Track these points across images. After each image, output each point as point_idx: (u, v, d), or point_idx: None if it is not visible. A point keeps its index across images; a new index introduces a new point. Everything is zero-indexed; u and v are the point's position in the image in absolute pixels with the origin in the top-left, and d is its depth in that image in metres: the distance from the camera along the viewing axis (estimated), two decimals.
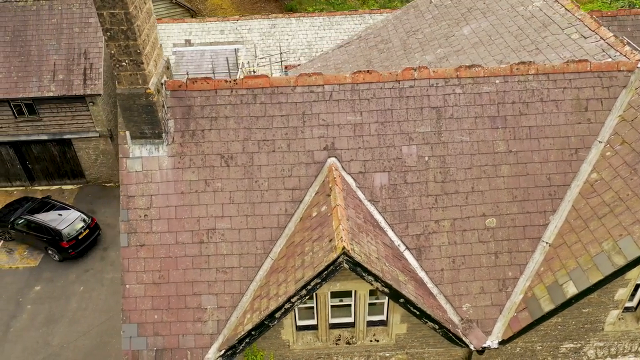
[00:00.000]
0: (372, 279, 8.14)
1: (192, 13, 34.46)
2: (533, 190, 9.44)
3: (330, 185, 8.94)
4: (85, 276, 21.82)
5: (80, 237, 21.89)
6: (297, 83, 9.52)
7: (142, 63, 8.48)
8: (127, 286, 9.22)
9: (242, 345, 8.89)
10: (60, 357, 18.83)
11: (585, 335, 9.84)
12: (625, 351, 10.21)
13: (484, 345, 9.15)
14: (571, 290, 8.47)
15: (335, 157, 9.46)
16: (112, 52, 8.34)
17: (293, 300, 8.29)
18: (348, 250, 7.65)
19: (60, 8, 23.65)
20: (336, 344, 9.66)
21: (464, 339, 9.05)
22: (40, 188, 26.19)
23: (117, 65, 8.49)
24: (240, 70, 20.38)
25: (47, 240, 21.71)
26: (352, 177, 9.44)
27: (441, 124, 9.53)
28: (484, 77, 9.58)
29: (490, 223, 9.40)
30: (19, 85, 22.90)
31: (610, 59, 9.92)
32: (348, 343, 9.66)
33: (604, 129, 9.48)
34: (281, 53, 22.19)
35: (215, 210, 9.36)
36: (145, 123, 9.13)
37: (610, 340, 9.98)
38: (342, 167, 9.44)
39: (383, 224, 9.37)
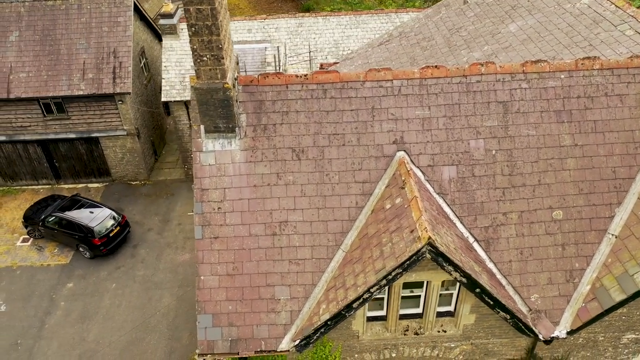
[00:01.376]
0: (452, 269, 8.32)
1: None
2: (598, 183, 9.62)
3: (403, 178, 9.11)
4: (117, 273, 21.95)
5: (111, 235, 22.04)
6: (366, 78, 9.69)
7: (223, 58, 8.65)
8: (202, 277, 9.37)
9: (317, 335, 9.05)
10: (96, 353, 18.97)
11: None
12: None
13: (553, 335, 9.31)
14: None
15: (404, 150, 9.62)
16: (195, 47, 8.50)
17: (372, 290, 8.45)
18: (433, 241, 7.82)
19: (89, 7, 23.81)
20: (404, 334, 9.83)
21: (534, 329, 9.21)
22: (66, 186, 26.33)
23: (198, 60, 8.65)
24: (282, 68, 20.56)
25: (79, 237, 21.85)
26: (421, 171, 9.60)
27: (508, 118, 9.70)
28: (549, 72, 9.75)
29: (557, 215, 9.57)
30: (49, 83, 23.06)
31: None
32: (416, 334, 9.82)
33: None
34: (310, 52, 22.36)
35: (287, 203, 9.52)
36: (220, 117, 9.29)
37: None
38: (411, 160, 9.60)
39: (452, 216, 9.53)
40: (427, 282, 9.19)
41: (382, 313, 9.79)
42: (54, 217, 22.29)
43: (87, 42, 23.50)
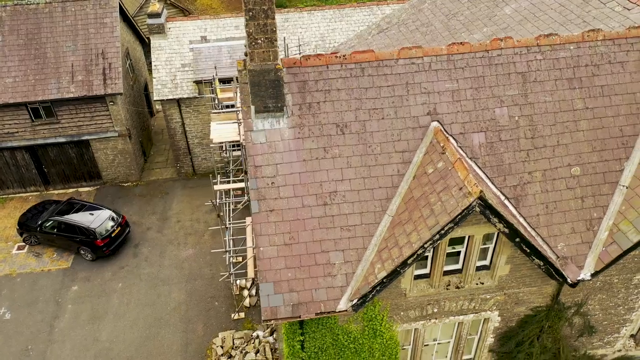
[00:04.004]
0: (497, 220, 9.28)
1: (186, 13, 34.76)
2: (608, 141, 10.80)
3: (442, 144, 10.00)
4: (122, 273, 21.98)
5: (113, 235, 22.06)
6: (399, 56, 10.53)
7: (275, 40, 9.30)
8: (261, 249, 9.96)
9: (373, 293, 9.81)
10: (112, 351, 19.03)
11: None
12: None
13: (579, 278, 10.41)
14: None
15: (438, 121, 10.52)
16: (250, 30, 9.11)
17: (426, 245, 9.30)
18: (484, 194, 8.73)
19: (73, 10, 23.70)
20: (446, 289, 10.72)
21: (563, 273, 10.28)
22: (56, 192, 26.03)
23: (253, 43, 9.26)
24: None
25: (80, 240, 21.75)
26: (454, 138, 10.52)
27: (527, 87, 10.75)
28: (560, 44, 10.87)
29: (575, 172, 10.68)
30: (37, 88, 22.83)
31: None
32: (457, 287, 10.74)
33: None
34: (300, 45, 23.05)
35: (335, 174, 10.24)
36: (270, 97, 9.92)
37: None
38: (444, 129, 10.50)
39: (484, 177, 10.48)
40: (469, 237, 10.11)
41: (426, 271, 10.65)
42: (51, 222, 22.09)
43: (74, 45, 23.39)
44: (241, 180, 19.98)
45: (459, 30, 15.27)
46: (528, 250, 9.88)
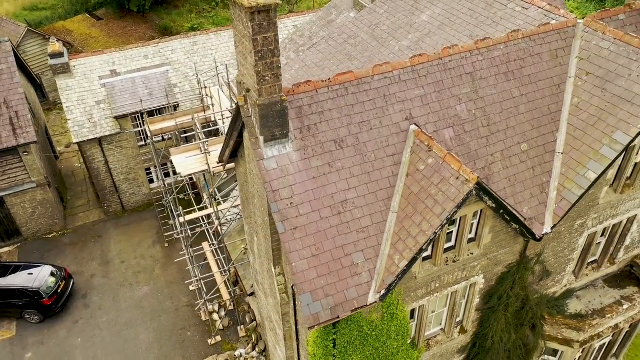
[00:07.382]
0: (488, 199, 11.17)
1: (69, 47, 32.88)
2: (542, 119, 13.29)
3: (427, 143, 11.66)
4: (78, 327, 20.92)
5: (59, 291, 20.88)
6: (374, 72, 11.97)
7: (280, 75, 10.21)
8: (294, 264, 10.84)
9: (396, 281, 11.21)
10: None
11: (588, 211, 14.11)
12: (607, 217, 14.77)
13: (543, 233, 12.78)
14: (592, 176, 12.48)
15: (415, 124, 12.16)
16: (259, 70, 9.93)
17: (437, 231, 10.90)
18: (480, 180, 10.53)
19: None
20: (446, 264, 12.48)
21: (533, 231, 12.56)
22: None
23: (261, 81, 10.08)
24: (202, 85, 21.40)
25: (24, 304, 20.31)
26: (430, 137, 12.23)
27: (476, 84, 12.81)
28: (493, 45, 13.09)
29: (524, 148, 13.01)
30: None
31: (555, 21, 14.18)
32: (454, 262, 12.55)
33: (571, 67, 13.69)
34: (217, 67, 23.51)
35: (342, 185, 11.42)
36: (277, 126, 10.80)
37: (600, 211, 14.42)
38: (421, 130, 12.18)
39: None
40: (461, 217, 11.93)
41: (428, 253, 12.30)
42: None
43: None
44: (201, 209, 20.03)
45: (386, 40, 17.13)
46: (508, 218, 11.96)
